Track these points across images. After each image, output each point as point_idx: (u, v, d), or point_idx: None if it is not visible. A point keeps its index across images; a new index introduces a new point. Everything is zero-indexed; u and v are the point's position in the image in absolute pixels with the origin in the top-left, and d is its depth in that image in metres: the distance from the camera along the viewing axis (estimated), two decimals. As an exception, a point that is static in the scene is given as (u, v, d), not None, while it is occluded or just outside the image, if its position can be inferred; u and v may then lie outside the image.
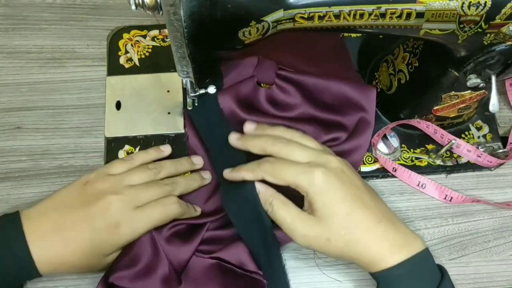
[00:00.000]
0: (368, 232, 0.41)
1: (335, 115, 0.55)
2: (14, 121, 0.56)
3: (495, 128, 0.57)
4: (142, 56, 0.59)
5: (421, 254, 0.41)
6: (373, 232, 0.41)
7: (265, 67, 0.55)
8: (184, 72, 0.47)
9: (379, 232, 0.41)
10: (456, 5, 0.38)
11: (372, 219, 0.42)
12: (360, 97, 0.54)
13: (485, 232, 0.53)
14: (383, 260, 0.41)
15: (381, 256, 0.41)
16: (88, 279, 0.49)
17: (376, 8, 0.39)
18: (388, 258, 0.41)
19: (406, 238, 0.42)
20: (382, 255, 0.41)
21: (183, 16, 0.38)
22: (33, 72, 0.58)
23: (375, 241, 0.41)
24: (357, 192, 0.43)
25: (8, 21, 0.60)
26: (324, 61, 0.59)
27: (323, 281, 0.51)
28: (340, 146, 0.53)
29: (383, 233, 0.41)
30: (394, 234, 0.41)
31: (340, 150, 0.53)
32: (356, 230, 0.41)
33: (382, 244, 0.41)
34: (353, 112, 0.54)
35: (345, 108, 0.54)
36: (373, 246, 0.41)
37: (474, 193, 0.55)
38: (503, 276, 0.52)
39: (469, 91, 0.49)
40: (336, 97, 0.54)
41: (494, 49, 0.42)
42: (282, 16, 0.41)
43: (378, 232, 0.41)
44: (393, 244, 0.41)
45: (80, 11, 0.61)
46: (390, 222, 0.42)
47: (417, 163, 0.55)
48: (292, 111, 0.55)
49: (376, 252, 0.41)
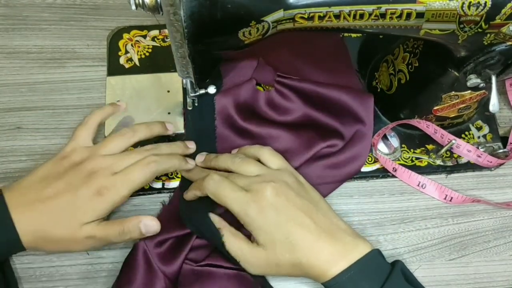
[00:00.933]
0: (309, 250, 0.43)
1: (333, 122, 0.55)
2: (14, 121, 0.56)
3: (495, 128, 0.57)
4: (142, 56, 0.59)
5: (364, 258, 0.43)
6: (312, 250, 0.43)
7: (264, 71, 0.56)
8: (184, 72, 0.47)
9: (318, 249, 0.43)
10: (456, 5, 0.38)
11: (309, 237, 0.44)
12: (358, 108, 0.54)
13: (485, 232, 0.53)
14: (326, 273, 0.43)
15: (324, 268, 0.43)
16: (88, 279, 0.49)
17: (376, 8, 0.39)
18: (330, 270, 0.43)
19: (345, 248, 0.44)
20: (325, 267, 0.43)
21: (183, 16, 0.38)
22: (33, 72, 0.58)
23: (316, 257, 0.43)
24: (293, 213, 0.44)
25: (8, 21, 0.60)
26: (324, 61, 0.59)
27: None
28: (337, 157, 0.53)
29: (322, 248, 0.43)
30: (332, 247, 0.43)
31: (337, 161, 0.53)
32: (297, 251, 0.43)
33: (323, 259, 0.43)
34: (351, 123, 0.55)
35: (343, 117, 0.55)
36: (315, 262, 0.43)
37: (474, 193, 0.55)
38: (503, 276, 0.52)
39: (469, 91, 0.49)
40: (335, 105, 0.54)
41: (494, 49, 0.42)
42: (282, 16, 0.41)
43: (318, 248, 0.43)
44: (332, 257, 0.43)
45: (80, 11, 0.61)
46: (329, 236, 0.44)
47: (417, 163, 0.55)
48: (291, 115, 0.55)
49: (319, 266, 0.43)
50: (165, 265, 0.48)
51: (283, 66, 0.57)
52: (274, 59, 0.57)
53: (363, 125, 0.54)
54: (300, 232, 0.44)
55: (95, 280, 0.50)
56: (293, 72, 0.56)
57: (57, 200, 0.45)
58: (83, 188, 0.45)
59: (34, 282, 0.49)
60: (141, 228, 0.46)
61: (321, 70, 0.58)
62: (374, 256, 0.44)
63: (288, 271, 0.45)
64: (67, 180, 0.46)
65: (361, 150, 0.54)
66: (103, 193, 0.45)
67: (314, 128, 0.55)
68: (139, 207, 0.53)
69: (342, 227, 0.46)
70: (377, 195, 0.54)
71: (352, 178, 0.54)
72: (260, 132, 0.54)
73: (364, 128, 0.54)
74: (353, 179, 0.55)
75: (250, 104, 0.55)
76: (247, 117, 0.54)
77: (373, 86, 0.58)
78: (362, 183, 0.55)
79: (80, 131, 0.49)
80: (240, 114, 0.54)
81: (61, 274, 0.50)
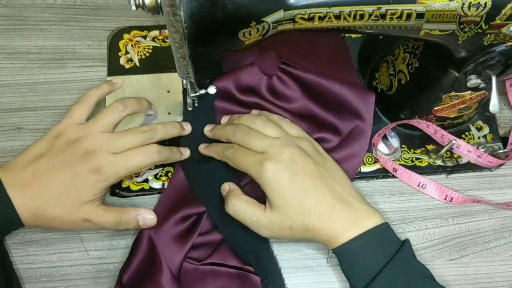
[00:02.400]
0: (322, 216, 0.44)
1: (331, 116, 0.55)
2: (15, 122, 0.56)
3: (495, 129, 0.57)
4: (142, 57, 0.59)
5: (377, 228, 0.44)
6: (326, 215, 0.44)
7: (267, 58, 0.55)
8: (184, 73, 0.47)
9: (332, 214, 0.44)
10: (456, 6, 0.38)
11: (325, 203, 0.44)
12: (358, 104, 0.54)
13: (485, 233, 0.53)
14: (338, 238, 0.44)
15: (336, 234, 0.44)
16: (88, 279, 0.50)
17: (376, 9, 0.39)
18: (343, 235, 0.44)
19: (359, 216, 0.45)
20: (337, 233, 0.44)
21: (183, 17, 0.38)
22: (33, 72, 0.58)
23: (330, 223, 0.44)
24: (309, 180, 0.45)
25: (9, 22, 0.60)
26: (324, 60, 0.59)
27: (323, 281, 0.51)
28: (334, 154, 0.53)
29: (336, 214, 0.44)
30: (347, 214, 0.44)
31: (335, 158, 0.52)
32: (311, 215, 0.44)
33: (336, 225, 0.44)
34: (350, 118, 0.54)
35: (341, 112, 0.54)
36: (328, 228, 0.44)
37: (475, 194, 0.55)
38: (503, 277, 0.52)
39: (469, 91, 0.49)
40: (335, 98, 0.54)
41: (494, 50, 0.42)
42: (282, 17, 0.41)
43: (332, 214, 0.44)
44: (346, 223, 0.44)
45: (80, 12, 0.61)
46: (345, 204, 0.45)
47: (418, 164, 0.55)
48: (290, 104, 0.55)
49: (331, 232, 0.44)
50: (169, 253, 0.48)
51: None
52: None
53: (362, 121, 0.54)
54: (314, 197, 0.44)
55: (95, 281, 0.50)
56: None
57: (54, 178, 0.45)
58: (80, 167, 0.45)
59: (35, 282, 0.49)
60: (139, 220, 0.47)
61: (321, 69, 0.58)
62: (387, 228, 0.45)
63: (301, 235, 0.45)
64: (63, 158, 0.45)
65: (359, 148, 0.54)
66: (100, 172, 0.45)
67: (311, 119, 0.55)
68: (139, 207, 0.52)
69: (357, 197, 0.46)
70: (377, 196, 0.54)
71: (353, 179, 0.54)
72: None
73: (363, 124, 0.54)
74: (353, 180, 0.54)
75: (251, 86, 0.55)
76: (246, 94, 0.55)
77: (373, 86, 0.58)
78: (362, 184, 0.55)
79: (76, 109, 0.49)
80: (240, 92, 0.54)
81: (61, 274, 0.50)
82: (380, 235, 0.44)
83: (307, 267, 0.51)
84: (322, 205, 0.44)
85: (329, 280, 0.51)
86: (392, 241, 0.45)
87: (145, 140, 0.48)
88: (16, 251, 0.50)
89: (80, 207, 0.45)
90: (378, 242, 0.44)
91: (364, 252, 0.43)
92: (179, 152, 0.52)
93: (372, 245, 0.44)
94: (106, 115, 0.48)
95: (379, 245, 0.44)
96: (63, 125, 0.48)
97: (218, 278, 0.48)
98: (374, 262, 0.43)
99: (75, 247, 0.51)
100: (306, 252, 0.52)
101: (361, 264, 0.43)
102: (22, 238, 0.51)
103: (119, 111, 0.49)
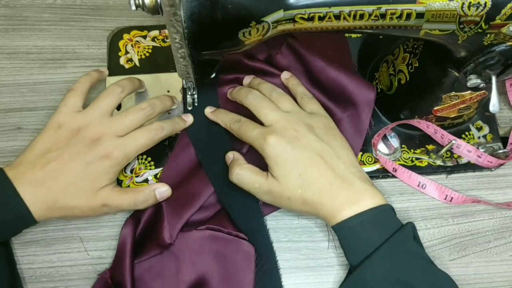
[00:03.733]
0: (320, 190, 0.45)
1: (326, 99, 0.55)
2: (15, 122, 0.56)
3: (495, 129, 0.57)
4: (142, 57, 0.59)
5: (377, 208, 0.45)
6: (325, 191, 0.45)
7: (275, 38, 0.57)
8: (184, 73, 0.47)
9: (331, 191, 0.45)
10: (456, 6, 0.38)
11: (323, 179, 0.45)
12: (356, 93, 0.54)
13: (485, 233, 0.53)
14: (337, 215, 0.45)
15: (334, 211, 0.45)
16: (88, 279, 0.50)
17: (376, 9, 0.39)
18: (341, 213, 0.44)
19: (359, 195, 0.45)
20: (334, 210, 0.45)
21: (183, 17, 0.38)
22: (33, 72, 0.58)
23: (328, 198, 0.45)
24: (311, 155, 0.46)
25: (9, 22, 0.60)
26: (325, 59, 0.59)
27: (323, 281, 0.51)
28: None
29: (335, 191, 0.45)
30: (346, 192, 0.45)
31: None
32: (309, 189, 0.45)
33: (334, 201, 0.45)
34: (344, 105, 0.54)
35: (337, 97, 0.55)
36: (326, 203, 0.45)
37: (475, 194, 0.55)
38: (503, 277, 0.52)
39: (469, 91, 0.49)
40: (333, 83, 0.54)
41: (494, 50, 0.42)
42: (282, 17, 0.41)
43: (331, 190, 0.45)
44: (345, 200, 0.45)
45: (80, 12, 0.61)
46: (344, 182, 0.45)
47: (417, 164, 0.55)
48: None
49: (329, 208, 0.45)
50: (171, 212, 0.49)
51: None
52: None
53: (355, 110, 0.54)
54: (314, 172, 0.46)
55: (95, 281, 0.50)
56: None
57: (66, 170, 0.45)
58: (90, 155, 0.46)
59: (35, 282, 0.49)
60: (156, 195, 0.49)
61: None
62: (388, 209, 0.46)
63: (300, 207, 0.46)
64: (70, 149, 0.46)
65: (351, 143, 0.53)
66: (111, 157, 0.46)
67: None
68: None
69: (361, 177, 0.47)
70: (377, 196, 0.54)
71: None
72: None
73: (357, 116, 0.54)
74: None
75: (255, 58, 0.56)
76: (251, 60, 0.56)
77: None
78: (362, 184, 0.55)
79: (71, 97, 0.49)
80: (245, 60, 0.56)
81: (61, 274, 0.50)
82: (380, 215, 0.45)
83: (307, 267, 0.51)
84: (321, 180, 0.45)
85: (329, 280, 0.51)
86: (392, 222, 0.45)
87: (147, 117, 0.49)
88: (16, 251, 0.50)
89: (97, 193, 0.46)
90: (377, 222, 0.44)
91: (362, 230, 0.44)
92: (181, 120, 0.53)
93: (370, 224, 0.44)
94: (104, 100, 0.48)
95: (377, 224, 0.44)
96: (61, 114, 0.48)
97: (214, 242, 0.49)
98: (371, 240, 0.44)
99: (75, 247, 0.51)
100: (306, 252, 0.52)
101: (358, 241, 0.44)
102: (22, 238, 0.51)
103: (117, 93, 0.49)
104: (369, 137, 0.56)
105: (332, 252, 0.51)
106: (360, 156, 0.55)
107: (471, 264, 0.52)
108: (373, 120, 0.56)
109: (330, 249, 0.51)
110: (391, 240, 0.43)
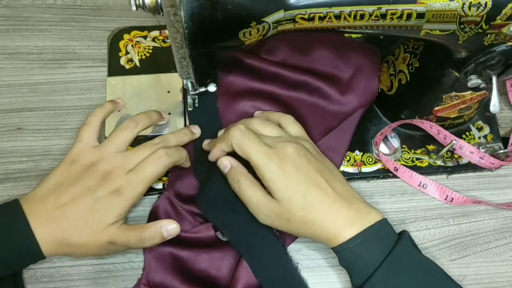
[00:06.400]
0: (323, 212, 0.44)
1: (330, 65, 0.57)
2: (15, 122, 0.56)
3: (496, 129, 0.57)
4: (142, 57, 0.59)
5: (375, 225, 0.44)
6: (327, 212, 0.44)
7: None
8: (185, 73, 0.47)
9: (332, 212, 0.44)
10: (456, 6, 0.38)
11: (326, 200, 0.45)
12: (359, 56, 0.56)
13: (486, 233, 0.53)
14: (338, 236, 0.44)
15: (336, 232, 0.44)
16: (88, 279, 0.50)
17: (377, 9, 0.39)
18: (343, 234, 0.44)
19: (359, 214, 0.45)
20: (336, 231, 0.44)
21: (184, 17, 0.38)
22: (33, 73, 0.58)
23: (329, 220, 0.44)
24: (311, 175, 0.45)
25: (9, 22, 0.60)
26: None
27: (323, 281, 0.51)
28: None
29: (336, 212, 0.44)
30: (347, 211, 0.44)
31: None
32: (312, 211, 0.44)
33: (335, 222, 0.44)
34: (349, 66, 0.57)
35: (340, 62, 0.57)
36: (327, 225, 0.44)
37: (475, 194, 0.55)
38: (504, 277, 0.52)
39: (470, 91, 0.49)
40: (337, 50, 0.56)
41: (494, 50, 0.42)
42: (283, 17, 0.41)
43: (332, 211, 0.44)
44: (346, 221, 0.44)
45: (80, 12, 0.61)
46: (345, 201, 0.45)
47: (418, 164, 0.55)
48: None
49: (331, 229, 0.44)
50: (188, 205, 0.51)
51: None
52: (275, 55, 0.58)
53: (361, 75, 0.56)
54: (318, 193, 0.45)
55: (96, 281, 0.50)
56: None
57: (76, 205, 0.44)
58: (100, 190, 0.45)
59: (35, 283, 0.49)
60: (163, 233, 0.46)
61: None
62: (385, 224, 0.45)
63: (299, 229, 0.45)
64: (82, 184, 0.45)
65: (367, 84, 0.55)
66: (121, 192, 0.45)
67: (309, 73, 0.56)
68: (139, 207, 0.53)
69: (355, 195, 0.47)
70: (377, 196, 0.54)
71: (353, 179, 0.54)
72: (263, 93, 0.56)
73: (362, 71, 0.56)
74: (354, 180, 0.55)
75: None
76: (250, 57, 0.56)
77: (373, 86, 0.58)
78: (362, 184, 0.55)
79: (85, 131, 0.48)
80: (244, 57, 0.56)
81: (62, 275, 0.50)
82: (378, 232, 0.44)
83: (307, 267, 0.51)
84: (324, 201, 0.44)
85: (329, 280, 0.51)
86: (389, 236, 0.45)
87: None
88: (17, 251, 0.50)
89: (103, 230, 0.45)
90: (376, 239, 0.44)
91: (363, 250, 0.43)
92: (190, 132, 0.52)
93: (370, 242, 0.44)
94: (118, 135, 0.48)
95: (377, 241, 0.44)
96: (76, 150, 0.47)
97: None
98: (372, 259, 0.43)
99: (75, 248, 0.51)
100: (306, 252, 0.52)
101: (360, 261, 0.44)
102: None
103: (131, 128, 0.48)
104: (369, 137, 0.56)
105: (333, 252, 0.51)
106: (361, 157, 0.55)
107: (471, 264, 0.52)
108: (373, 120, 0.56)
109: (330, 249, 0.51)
110: (390, 257, 0.43)
